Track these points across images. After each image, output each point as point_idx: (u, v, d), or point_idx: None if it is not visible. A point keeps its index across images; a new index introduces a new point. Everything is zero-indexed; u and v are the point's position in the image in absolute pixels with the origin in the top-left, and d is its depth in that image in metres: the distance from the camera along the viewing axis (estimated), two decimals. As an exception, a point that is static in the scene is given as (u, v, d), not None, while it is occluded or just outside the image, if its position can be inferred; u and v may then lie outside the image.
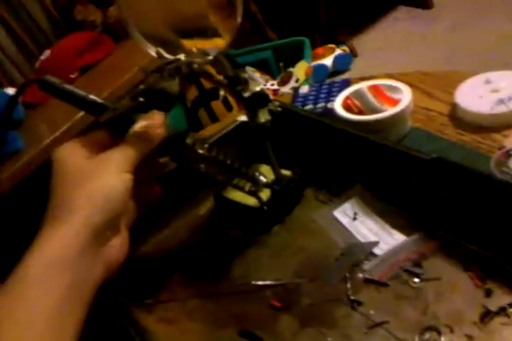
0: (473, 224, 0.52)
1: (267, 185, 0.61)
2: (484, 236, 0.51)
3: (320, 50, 2.23)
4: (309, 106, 0.84)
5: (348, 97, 0.75)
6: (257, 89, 0.60)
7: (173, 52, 0.52)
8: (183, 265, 0.62)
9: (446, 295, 0.48)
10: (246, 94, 0.60)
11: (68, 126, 1.28)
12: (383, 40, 2.35)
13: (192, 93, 1.74)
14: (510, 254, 0.49)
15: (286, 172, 0.67)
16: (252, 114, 0.62)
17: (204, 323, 0.53)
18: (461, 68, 1.87)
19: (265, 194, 0.63)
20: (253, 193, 0.61)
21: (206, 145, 0.58)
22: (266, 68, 1.96)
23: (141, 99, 0.48)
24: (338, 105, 0.74)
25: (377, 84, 0.75)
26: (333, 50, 2.24)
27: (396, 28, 2.39)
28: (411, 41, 2.25)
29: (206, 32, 0.51)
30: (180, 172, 0.66)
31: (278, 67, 1.95)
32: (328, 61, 2.19)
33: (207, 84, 1.73)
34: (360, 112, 0.71)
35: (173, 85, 0.52)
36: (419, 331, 0.46)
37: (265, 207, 0.62)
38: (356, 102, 0.74)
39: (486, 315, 0.45)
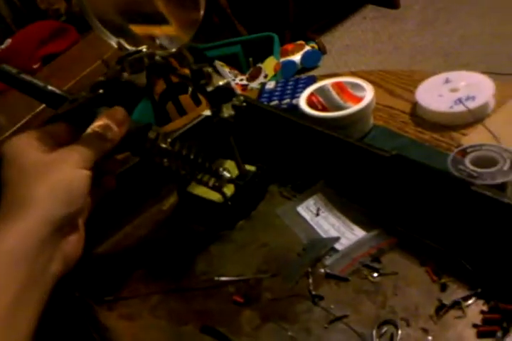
0: (430, 220, 0.53)
1: (230, 181, 0.61)
2: (441, 232, 0.52)
3: (289, 47, 2.24)
4: (275, 102, 0.85)
5: (312, 94, 0.76)
6: (221, 83, 0.60)
7: (136, 45, 0.51)
8: (145, 261, 0.61)
9: (403, 290, 0.49)
10: (209, 89, 0.59)
11: (29, 118, 1.25)
12: (351, 38, 2.38)
13: (160, 86, 1.72)
14: (465, 250, 0.50)
15: (250, 168, 0.67)
16: (216, 109, 0.61)
17: (166, 319, 0.53)
18: (426, 67, 1.92)
19: (229, 189, 0.63)
20: (217, 188, 0.61)
21: (169, 140, 0.58)
22: (235, 63, 1.95)
23: (101, 91, 0.48)
24: (302, 101, 0.75)
25: (341, 82, 0.76)
26: (302, 47, 2.26)
27: (364, 26, 2.43)
28: (378, 40, 2.29)
29: (154, 18, 0.51)
30: (142, 167, 0.66)
31: (247, 62, 1.94)
32: (296, 58, 2.20)
33: (175, 78, 1.71)
34: (324, 109, 0.72)
35: (141, 78, 0.52)
36: (377, 325, 0.47)
37: (229, 203, 0.62)
38: (320, 99, 0.74)
39: (441, 309, 0.47)
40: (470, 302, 0.47)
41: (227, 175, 0.60)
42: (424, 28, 2.22)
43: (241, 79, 1.76)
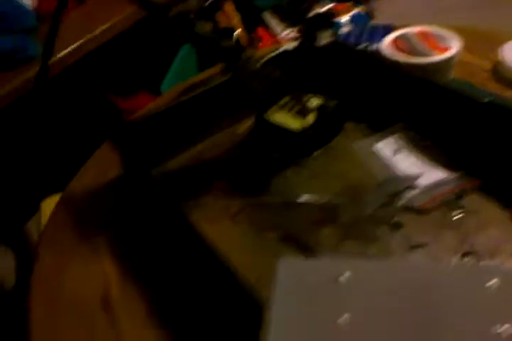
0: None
1: (313, 110, 0.62)
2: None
3: (337, 7, 2.19)
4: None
5: (395, 40, 0.75)
6: (322, 10, 0.60)
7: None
8: (227, 175, 0.62)
9: (484, 228, 0.51)
10: (310, 14, 0.59)
11: (84, 41, 1.24)
12: (401, 7, 2.31)
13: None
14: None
15: (331, 103, 0.67)
16: (312, 36, 0.61)
17: (247, 226, 0.54)
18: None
19: (310, 118, 0.64)
20: (301, 115, 0.61)
21: (262, 61, 0.58)
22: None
23: None
24: (386, 46, 0.74)
25: (426, 30, 0.75)
26: (350, 9, 2.20)
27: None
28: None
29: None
30: (225, 88, 0.66)
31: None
32: (344, 19, 2.15)
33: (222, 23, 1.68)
34: (409, 55, 0.71)
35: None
36: (459, 254, 0.48)
37: (310, 131, 0.63)
38: (405, 45, 0.73)
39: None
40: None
41: (313, 103, 0.60)
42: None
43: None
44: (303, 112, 0.62)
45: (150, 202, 0.59)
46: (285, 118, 0.64)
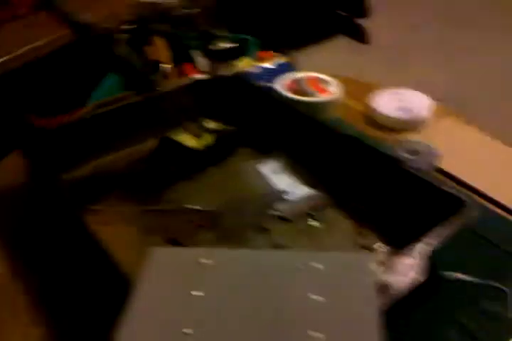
0: (361, 189, 0.67)
1: (209, 131, 0.73)
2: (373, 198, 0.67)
3: (263, 54, 2.37)
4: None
5: (289, 81, 0.89)
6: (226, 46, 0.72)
7: None
8: (120, 184, 0.71)
9: (332, 235, 0.63)
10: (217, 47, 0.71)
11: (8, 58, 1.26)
12: (322, 60, 2.52)
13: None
14: (383, 211, 0.65)
15: (225, 127, 0.79)
16: (215, 66, 0.73)
17: (137, 229, 0.63)
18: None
19: (207, 140, 0.75)
20: (197, 135, 0.73)
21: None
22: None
23: None
24: (280, 85, 0.88)
25: (315, 76, 0.90)
26: (274, 57, 2.39)
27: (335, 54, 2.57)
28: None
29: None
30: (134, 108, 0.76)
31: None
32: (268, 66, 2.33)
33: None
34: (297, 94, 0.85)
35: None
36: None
37: (204, 150, 0.74)
38: (295, 86, 0.88)
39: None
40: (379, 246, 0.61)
41: (211, 126, 0.72)
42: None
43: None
44: (200, 134, 0.73)
45: (53, 205, 0.66)
46: (185, 138, 0.75)
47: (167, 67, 1.24)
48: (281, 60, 2.43)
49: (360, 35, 2.61)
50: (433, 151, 0.70)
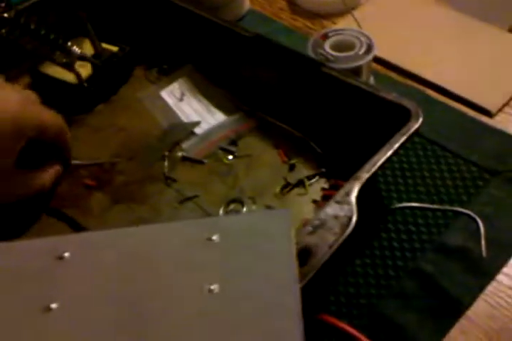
0: (287, 105, 0.53)
1: (82, 58, 0.56)
2: (295, 116, 0.53)
3: None
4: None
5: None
6: None
7: None
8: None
9: (254, 171, 0.51)
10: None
11: None
12: None
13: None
14: (315, 133, 0.52)
15: (112, 48, 0.62)
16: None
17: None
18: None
19: (86, 70, 0.59)
20: (68, 66, 0.56)
21: (14, 11, 0.51)
22: None
23: None
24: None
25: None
26: None
27: None
28: None
29: None
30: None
31: None
32: None
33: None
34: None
35: None
36: (225, 203, 0.48)
37: (85, 84, 0.58)
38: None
39: (286, 187, 0.49)
40: (313, 180, 0.49)
41: (77, 50, 0.55)
42: None
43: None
44: (70, 61, 0.56)
45: None
46: (61, 72, 0.58)
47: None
48: None
49: None
50: (367, 40, 0.54)
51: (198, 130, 0.55)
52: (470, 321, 0.39)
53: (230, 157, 0.52)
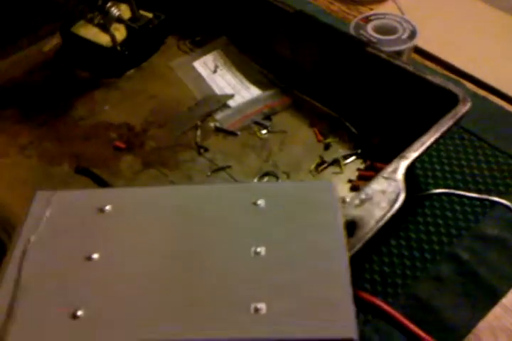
0: (324, 83, 0.53)
1: (120, 20, 0.55)
2: (332, 96, 0.52)
3: None
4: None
5: None
6: None
7: None
8: (17, 101, 0.55)
9: (288, 147, 0.50)
10: None
11: None
12: None
13: None
14: (352, 114, 0.51)
15: (147, 14, 0.60)
16: None
17: (37, 159, 0.49)
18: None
19: (120, 34, 0.57)
20: (104, 27, 0.54)
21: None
22: None
23: None
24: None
25: None
26: None
27: None
28: None
29: None
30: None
31: None
32: None
33: None
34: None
35: None
36: (258, 175, 0.47)
37: (119, 48, 0.57)
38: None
39: (321, 165, 0.48)
40: (349, 160, 0.48)
41: (115, 12, 0.53)
42: None
43: None
44: (107, 22, 0.55)
45: None
46: (94, 33, 0.57)
47: None
48: None
49: None
50: (410, 26, 0.54)
51: (231, 103, 0.54)
52: (505, 309, 0.39)
53: (264, 131, 0.51)
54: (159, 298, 0.30)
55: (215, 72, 0.58)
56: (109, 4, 0.53)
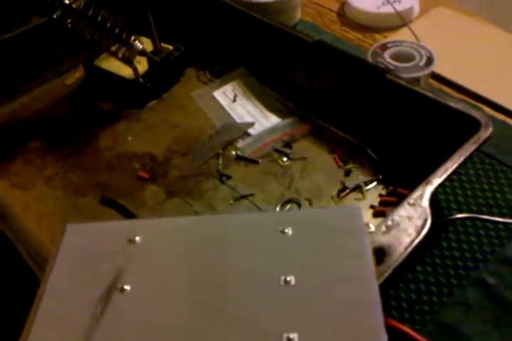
0: (343, 110, 0.53)
1: (142, 53, 0.57)
2: (351, 122, 0.53)
3: None
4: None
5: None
6: None
7: None
8: (42, 134, 0.56)
9: (309, 173, 0.50)
10: None
11: None
12: None
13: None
14: (371, 140, 0.52)
15: (168, 47, 0.62)
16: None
17: (63, 190, 0.50)
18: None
19: (142, 66, 0.59)
20: (127, 60, 0.56)
21: (82, 2, 0.52)
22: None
23: None
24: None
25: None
26: None
27: None
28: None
29: None
30: (45, 32, 0.58)
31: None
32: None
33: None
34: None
35: None
36: (281, 203, 0.48)
37: (141, 80, 0.58)
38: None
39: (343, 191, 0.48)
40: (370, 186, 0.49)
41: (139, 45, 0.55)
42: None
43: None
44: (131, 56, 0.57)
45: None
46: (117, 66, 0.59)
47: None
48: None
49: None
50: (427, 53, 0.55)
51: (251, 131, 0.55)
52: (536, 335, 0.38)
53: (285, 159, 0.52)
54: (190, 329, 0.30)
55: (234, 101, 0.59)
56: (132, 38, 0.55)
